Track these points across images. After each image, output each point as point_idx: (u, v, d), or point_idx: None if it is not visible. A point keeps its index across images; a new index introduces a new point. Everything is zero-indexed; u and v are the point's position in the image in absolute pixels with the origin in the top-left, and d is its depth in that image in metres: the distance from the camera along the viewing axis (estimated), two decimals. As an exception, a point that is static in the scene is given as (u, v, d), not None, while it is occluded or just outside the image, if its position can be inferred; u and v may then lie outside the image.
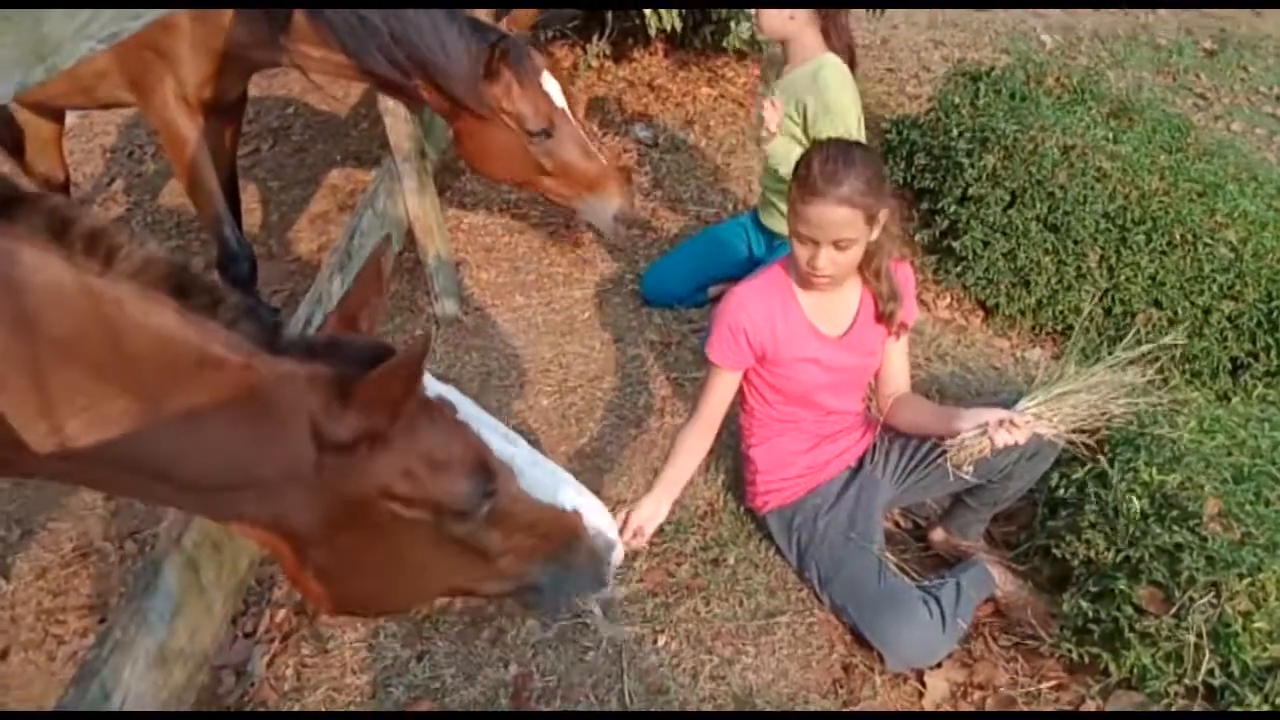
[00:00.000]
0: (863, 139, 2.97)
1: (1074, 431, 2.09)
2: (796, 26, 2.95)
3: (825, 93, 2.91)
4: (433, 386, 1.35)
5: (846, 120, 2.92)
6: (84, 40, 1.27)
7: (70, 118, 3.91)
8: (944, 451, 2.16)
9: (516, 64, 2.68)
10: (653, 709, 2.16)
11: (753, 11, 3.04)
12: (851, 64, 3.03)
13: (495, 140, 2.79)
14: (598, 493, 2.67)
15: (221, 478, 1.22)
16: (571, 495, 1.44)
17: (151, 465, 1.19)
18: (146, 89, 2.79)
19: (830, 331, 2.27)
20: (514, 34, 2.75)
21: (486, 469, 1.33)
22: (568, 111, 2.82)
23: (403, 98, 2.87)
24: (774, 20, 2.97)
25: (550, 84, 2.77)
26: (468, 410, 1.37)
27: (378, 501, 1.26)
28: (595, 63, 4.96)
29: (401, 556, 1.33)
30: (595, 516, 1.46)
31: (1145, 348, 2.19)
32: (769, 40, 3.17)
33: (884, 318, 2.27)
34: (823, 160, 2.03)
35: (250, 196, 4.35)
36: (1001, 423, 2.03)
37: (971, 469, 2.13)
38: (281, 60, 2.76)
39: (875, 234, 2.10)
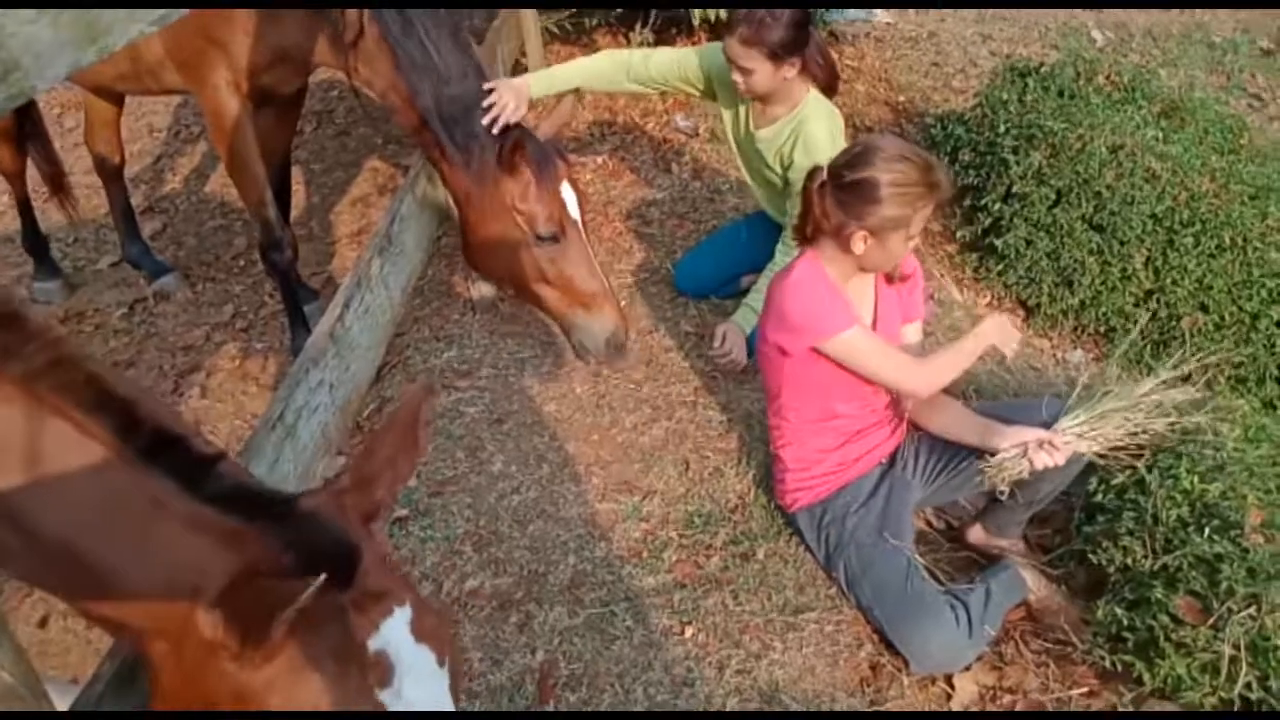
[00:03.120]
0: None
1: (1114, 449, 2.06)
2: (787, 75, 2.82)
3: (814, 154, 2.81)
4: (389, 635, 1.08)
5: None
6: (134, 23, 1.29)
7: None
8: (981, 470, 2.15)
9: (538, 163, 2.62)
10: (677, 700, 2.16)
11: (736, 76, 2.82)
12: (833, 86, 2.98)
13: (501, 237, 2.72)
14: (628, 483, 2.69)
15: (97, 607, 1.08)
16: None
17: (25, 560, 1.08)
18: (200, 76, 2.83)
19: (864, 320, 2.30)
20: (543, 137, 2.69)
21: None
22: (580, 224, 2.74)
23: (430, 157, 2.83)
24: (766, 80, 2.80)
25: (568, 193, 2.70)
26: (408, 690, 1.07)
27: (227, 708, 1.05)
28: (638, 51, 4.94)
29: None
30: None
31: (1192, 365, 2.15)
32: (749, 97, 2.96)
33: (891, 280, 2.31)
34: (914, 165, 2.06)
35: (292, 178, 4.40)
36: (1041, 444, 2.01)
37: (1007, 489, 2.11)
38: (341, 68, 2.77)
39: None
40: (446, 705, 1.11)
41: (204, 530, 1.06)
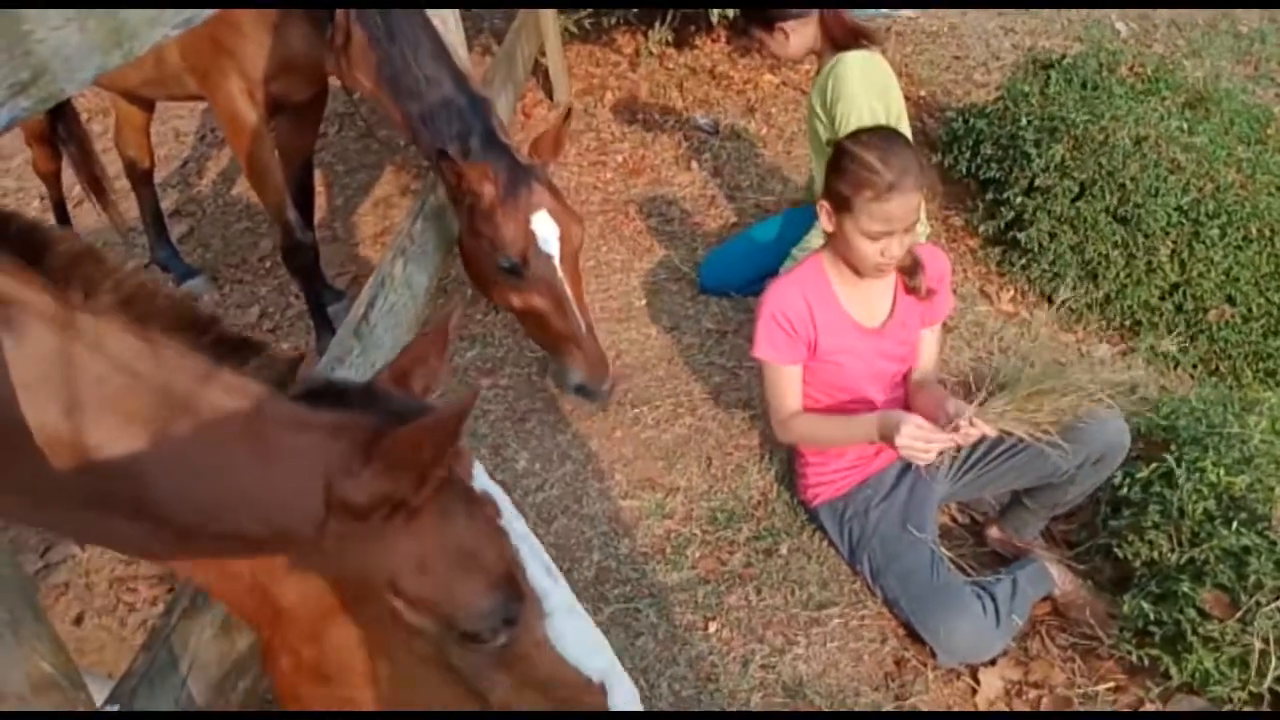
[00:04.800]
0: (898, 127, 2.90)
1: (1038, 426, 2.04)
2: (813, 37, 2.96)
3: (839, 84, 2.88)
4: (481, 480, 1.17)
5: (855, 104, 2.85)
6: (158, 27, 1.31)
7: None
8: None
9: (505, 186, 2.48)
10: (701, 695, 2.17)
11: (774, 49, 3.06)
12: (856, 41, 2.96)
13: (475, 253, 2.63)
14: (651, 480, 2.70)
15: (210, 526, 1.07)
16: (603, 664, 1.21)
17: (130, 505, 1.05)
18: (213, 83, 2.85)
19: (869, 324, 2.28)
20: (530, 162, 2.57)
21: (516, 590, 1.11)
22: (554, 258, 2.54)
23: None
24: (780, 47, 3.01)
25: (545, 225, 2.52)
26: (513, 522, 1.17)
27: (381, 593, 1.07)
28: (656, 50, 4.95)
29: (387, 670, 1.11)
30: (623, 697, 1.20)
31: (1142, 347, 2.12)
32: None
33: (913, 292, 2.26)
34: (879, 155, 2.03)
35: (316, 180, 4.42)
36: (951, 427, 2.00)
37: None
38: (335, 73, 2.76)
39: None
40: (529, 531, 1.20)
41: (309, 429, 1.08)
